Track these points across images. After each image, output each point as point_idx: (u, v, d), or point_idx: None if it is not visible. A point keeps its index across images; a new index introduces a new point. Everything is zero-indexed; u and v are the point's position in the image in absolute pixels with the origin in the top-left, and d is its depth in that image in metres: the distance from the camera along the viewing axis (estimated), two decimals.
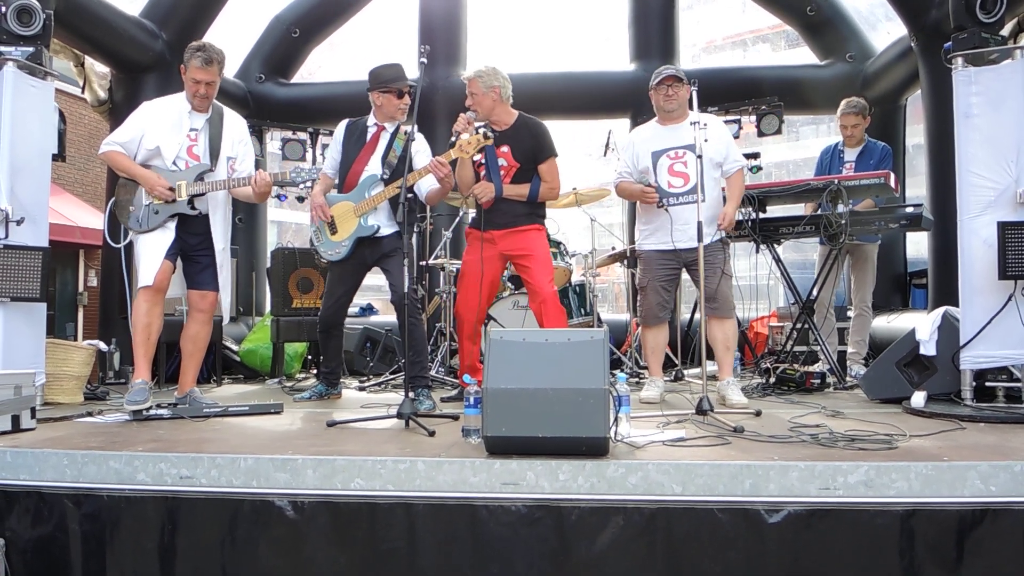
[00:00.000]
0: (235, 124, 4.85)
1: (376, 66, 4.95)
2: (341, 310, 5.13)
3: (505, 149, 4.88)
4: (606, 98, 9.00)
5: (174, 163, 4.56)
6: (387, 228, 4.86)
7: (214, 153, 4.66)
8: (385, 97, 4.90)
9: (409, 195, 4.32)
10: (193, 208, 4.57)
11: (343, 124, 5.09)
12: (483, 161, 4.88)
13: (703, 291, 4.61)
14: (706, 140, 4.48)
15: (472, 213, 7.45)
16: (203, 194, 4.57)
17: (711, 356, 4.87)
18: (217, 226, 4.70)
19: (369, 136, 4.95)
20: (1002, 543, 2.74)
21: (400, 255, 4.38)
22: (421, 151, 4.87)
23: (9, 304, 4.36)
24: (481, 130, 4.50)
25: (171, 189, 4.47)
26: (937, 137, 6.63)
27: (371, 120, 5.00)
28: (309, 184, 4.86)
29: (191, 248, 4.66)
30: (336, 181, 5.03)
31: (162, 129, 4.58)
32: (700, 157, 4.38)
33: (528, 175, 4.91)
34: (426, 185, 4.78)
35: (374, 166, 4.89)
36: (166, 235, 4.53)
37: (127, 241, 4.70)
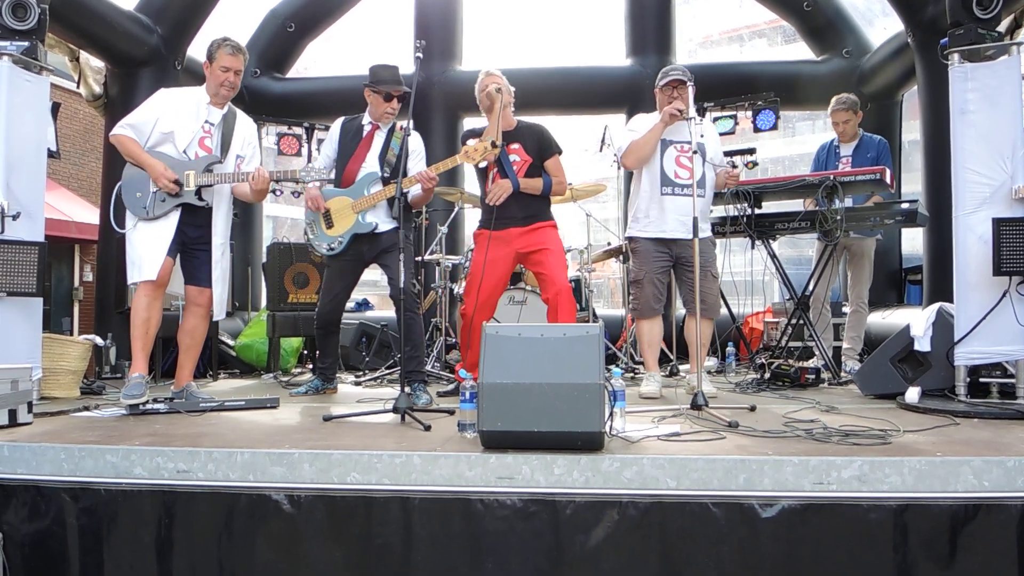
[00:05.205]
0: (247, 126, 4.88)
1: (375, 64, 4.98)
2: (339, 307, 5.14)
3: (516, 146, 5.00)
4: (602, 93, 8.99)
5: (184, 151, 4.56)
6: (385, 225, 4.89)
7: (225, 149, 4.67)
8: (375, 97, 4.94)
9: (403, 193, 4.34)
10: (201, 199, 4.57)
11: (339, 122, 5.13)
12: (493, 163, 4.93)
13: (697, 291, 4.65)
14: (702, 136, 4.72)
15: (468, 208, 7.53)
16: (211, 185, 4.58)
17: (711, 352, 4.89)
18: (219, 221, 4.70)
19: (364, 134, 4.99)
20: (995, 538, 2.75)
21: (398, 250, 4.39)
22: (415, 151, 4.91)
23: (5, 299, 4.35)
24: (489, 139, 4.54)
25: (176, 182, 4.46)
26: (933, 133, 6.64)
27: (365, 119, 5.04)
28: (317, 185, 4.87)
29: (191, 242, 4.65)
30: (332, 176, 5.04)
31: (179, 115, 4.59)
32: (695, 153, 4.46)
33: (538, 172, 5.04)
34: (412, 191, 4.81)
35: (371, 164, 4.92)
36: (168, 227, 4.52)
37: (133, 225, 4.59)
